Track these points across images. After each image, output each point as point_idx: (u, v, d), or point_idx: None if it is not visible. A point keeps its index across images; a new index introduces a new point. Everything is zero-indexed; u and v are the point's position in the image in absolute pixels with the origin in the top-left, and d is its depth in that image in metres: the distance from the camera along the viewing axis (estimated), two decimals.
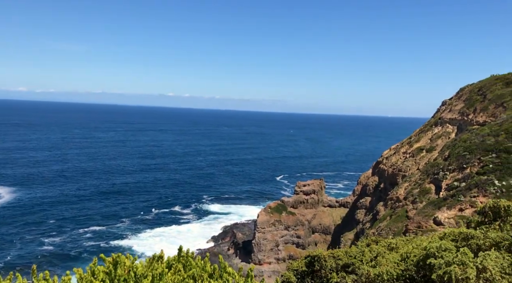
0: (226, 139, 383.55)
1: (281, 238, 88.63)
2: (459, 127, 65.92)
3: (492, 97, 62.11)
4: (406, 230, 49.87)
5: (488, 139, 51.04)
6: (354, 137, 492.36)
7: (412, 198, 53.48)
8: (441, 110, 78.29)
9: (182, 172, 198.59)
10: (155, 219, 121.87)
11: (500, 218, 9.26)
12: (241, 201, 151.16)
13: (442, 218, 47.05)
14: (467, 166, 50.33)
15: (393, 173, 68.93)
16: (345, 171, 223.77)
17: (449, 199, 48.21)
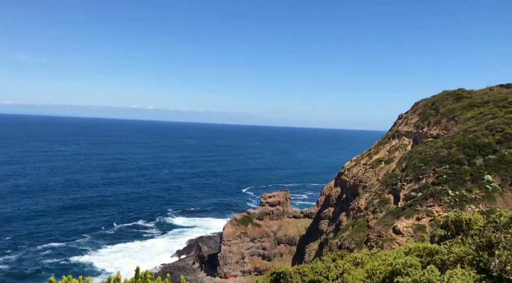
0: (192, 152, 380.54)
1: (247, 250, 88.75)
2: (415, 140, 69.05)
3: (444, 112, 65.63)
4: (367, 239, 51.53)
5: (441, 151, 53.86)
6: (318, 149, 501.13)
7: (373, 208, 55.36)
8: (398, 124, 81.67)
9: (147, 185, 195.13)
10: (117, 234, 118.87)
11: (462, 232, 9.47)
12: (206, 213, 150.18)
13: (401, 227, 49.03)
14: (423, 177, 52.80)
15: (354, 184, 71.03)
16: (310, 182, 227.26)
17: (407, 209, 50.34)
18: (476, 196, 46.22)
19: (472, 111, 58.96)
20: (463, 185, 47.60)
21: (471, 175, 47.83)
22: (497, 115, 54.10)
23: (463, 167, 49.09)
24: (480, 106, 59.35)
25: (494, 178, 46.09)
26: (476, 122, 55.62)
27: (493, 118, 53.72)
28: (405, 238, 48.54)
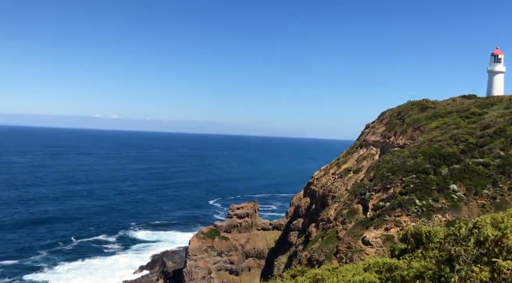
0: (157, 162, 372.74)
1: (214, 265, 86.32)
2: (382, 149, 69.65)
3: (409, 122, 66.66)
4: (337, 251, 50.83)
5: (408, 161, 54.23)
6: (287, 158, 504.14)
7: (342, 219, 54.83)
8: (365, 133, 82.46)
9: (109, 198, 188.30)
10: (76, 250, 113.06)
11: (422, 245, 9.17)
12: (172, 227, 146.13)
13: (369, 238, 48.65)
14: (391, 186, 52.88)
15: (323, 194, 70.62)
16: (279, 193, 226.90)
17: (376, 219, 50.10)
18: (443, 205, 46.57)
19: (437, 121, 60.03)
20: (429, 194, 47.91)
21: (437, 184, 48.26)
22: (461, 125, 55.23)
23: (429, 176, 49.49)
24: (444, 116, 60.54)
25: (459, 187, 46.65)
26: (441, 132, 56.58)
27: (457, 128, 54.78)
28: (374, 249, 48.16)
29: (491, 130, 48.61)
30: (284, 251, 80.00)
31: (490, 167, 43.98)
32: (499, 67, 70.73)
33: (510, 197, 40.14)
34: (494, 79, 69.82)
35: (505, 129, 47.02)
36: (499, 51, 71.54)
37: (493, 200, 41.38)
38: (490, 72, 71.14)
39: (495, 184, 42.26)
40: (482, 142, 47.90)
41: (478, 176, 44.26)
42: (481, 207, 41.96)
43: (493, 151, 45.77)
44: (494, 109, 56.98)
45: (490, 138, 47.49)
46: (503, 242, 7.06)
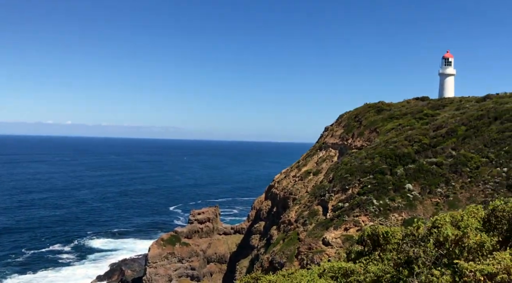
0: (115, 169, 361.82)
1: (175, 271, 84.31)
2: (340, 151, 70.81)
3: (366, 124, 68.22)
4: (298, 252, 50.92)
5: (365, 162, 55.32)
6: (247, 163, 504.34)
7: (303, 220, 55.06)
8: (324, 136, 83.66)
9: (63, 207, 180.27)
10: (28, 262, 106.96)
11: (379, 247, 8.66)
12: (131, 235, 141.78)
13: (329, 238, 49.09)
14: (349, 187, 53.71)
15: (284, 197, 70.79)
16: (240, 197, 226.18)
17: (335, 220, 50.68)
18: (399, 204, 47.79)
19: (392, 123, 61.72)
20: (386, 194, 49.04)
21: (393, 184, 49.49)
22: (415, 126, 57.05)
23: (385, 176, 50.68)
24: (399, 118, 62.38)
25: (414, 186, 48.06)
26: (396, 133, 58.20)
27: (411, 129, 56.55)
28: (334, 249, 48.64)
29: (443, 131, 50.47)
30: (246, 255, 79.45)
31: (443, 166, 45.56)
32: (450, 70, 74.01)
33: (462, 195, 41.72)
34: (445, 81, 72.97)
35: (456, 129, 48.94)
36: (449, 54, 74.89)
37: (446, 198, 42.85)
38: (441, 75, 74.29)
39: (448, 182, 43.80)
40: (435, 142, 49.63)
41: (432, 175, 45.74)
42: (435, 205, 43.36)
43: (445, 150, 47.50)
44: (446, 110, 59.37)
45: (443, 139, 49.28)
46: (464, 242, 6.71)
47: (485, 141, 45.17)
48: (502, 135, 44.15)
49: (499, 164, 41.61)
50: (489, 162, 42.68)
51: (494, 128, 45.97)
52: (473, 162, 43.17)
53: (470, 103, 58.60)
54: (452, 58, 74.23)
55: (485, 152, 43.76)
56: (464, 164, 43.93)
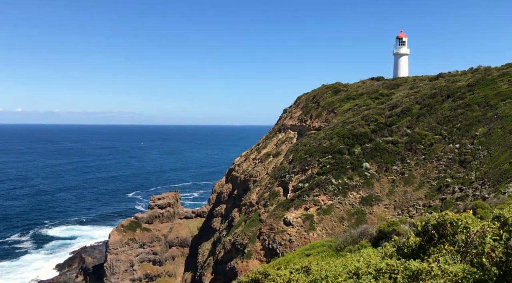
0: (70, 157, 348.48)
1: (136, 257, 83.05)
2: (299, 133, 71.62)
3: (324, 105, 69.20)
4: (260, 233, 51.45)
5: (324, 142, 56.27)
6: (206, 147, 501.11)
7: (264, 202, 55.51)
8: (283, 118, 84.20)
9: (19, 197, 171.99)
10: None
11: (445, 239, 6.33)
12: (90, 222, 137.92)
13: (290, 218, 49.90)
14: (309, 168, 54.56)
15: (245, 179, 70.98)
16: (200, 181, 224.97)
17: (296, 200, 51.49)
18: (357, 182, 49.17)
19: (349, 103, 62.96)
20: (344, 173, 50.27)
21: (351, 163, 50.75)
22: (371, 106, 58.50)
23: (343, 156, 51.85)
24: (356, 98, 63.69)
25: (371, 165, 49.53)
26: (353, 113, 59.48)
27: (367, 109, 57.96)
28: (295, 228, 49.57)
29: (398, 110, 52.05)
30: (207, 238, 79.51)
31: (399, 144, 47.12)
32: (403, 49, 76.02)
33: (417, 172, 43.46)
34: (400, 61, 74.98)
35: (410, 108, 50.61)
36: (403, 34, 76.81)
37: (402, 175, 44.49)
38: (396, 54, 76.21)
39: (403, 160, 45.43)
40: (391, 121, 51.13)
41: (388, 154, 47.26)
42: (392, 182, 44.95)
43: (400, 129, 49.11)
44: (400, 90, 61.24)
45: (398, 118, 50.86)
46: None
47: (438, 119, 47.03)
48: (454, 112, 46.12)
49: (452, 141, 43.53)
50: (442, 139, 44.54)
51: (447, 106, 47.92)
52: (427, 139, 44.92)
53: (424, 82, 60.69)
54: (406, 38, 76.21)
55: (438, 129, 45.60)
56: (418, 141, 45.64)
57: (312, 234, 46.30)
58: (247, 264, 46.64)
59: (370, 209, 45.53)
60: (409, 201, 43.22)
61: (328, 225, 47.14)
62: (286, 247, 45.42)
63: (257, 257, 47.47)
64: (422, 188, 42.49)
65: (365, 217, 44.90)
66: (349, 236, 14.72)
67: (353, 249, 13.26)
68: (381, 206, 45.53)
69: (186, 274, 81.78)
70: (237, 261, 48.31)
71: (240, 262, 47.80)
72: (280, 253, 44.09)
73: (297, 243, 45.68)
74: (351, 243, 14.09)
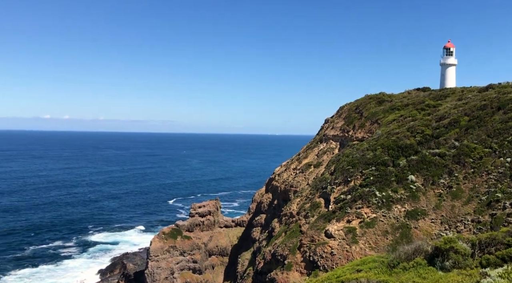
0: (114, 163, 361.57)
1: (177, 264, 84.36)
2: (341, 143, 70.53)
3: (367, 115, 67.84)
4: (300, 245, 50.84)
5: (367, 153, 55.06)
6: (246, 156, 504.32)
7: (305, 213, 54.92)
8: (325, 128, 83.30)
9: (63, 202, 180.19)
10: (30, 258, 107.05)
11: None
12: (132, 229, 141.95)
13: (332, 231, 48.97)
14: (351, 179, 53.48)
15: (285, 189, 70.62)
16: (240, 190, 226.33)
17: (338, 212, 50.50)
18: (402, 196, 47.61)
19: (394, 114, 61.37)
20: (389, 185, 48.82)
21: (395, 175, 49.25)
22: (417, 117, 56.70)
23: (388, 168, 50.43)
24: (401, 109, 62.00)
25: (417, 177, 47.85)
26: (398, 124, 57.86)
27: (413, 120, 56.20)
28: (336, 241, 48.56)
29: (445, 122, 50.15)
30: (247, 247, 79.47)
31: (446, 157, 45.30)
32: (451, 60, 73.39)
33: (465, 186, 41.51)
34: (447, 71, 72.40)
35: (458, 120, 48.63)
36: (451, 44, 74.25)
37: (449, 189, 42.66)
38: (442, 65, 73.71)
39: (451, 173, 43.56)
40: (438, 133, 49.31)
41: (435, 166, 45.50)
42: (439, 196, 43.19)
43: (448, 141, 47.21)
44: (448, 101, 58.99)
45: (445, 129, 48.97)
46: None
47: (488, 131, 44.90)
48: (505, 125, 43.88)
49: (503, 154, 41.38)
50: (492, 152, 42.44)
51: (497, 118, 45.68)
52: (476, 153, 42.93)
53: (472, 94, 58.23)
54: (453, 48, 73.60)
55: (488, 142, 43.52)
56: (467, 154, 43.69)
57: (355, 248, 45.16)
58: (287, 275, 46.15)
59: (416, 223, 43.90)
60: (457, 216, 41.33)
61: (371, 238, 45.84)
62: (328, 260, 44.55)
63: (298, 269, 46.87)
64: (471, 203, 40.54)
65: (410, 232, 43.34)
66: (402, 252, 14.24)
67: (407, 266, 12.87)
68: (427, 220, 43.83)
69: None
70: (277, 273, 47.91)
71: (280, 273, 47.37)
72: (321, 266, 43.33)
73: (338, 256, 44.70)
74: (405, 260, 13.61)
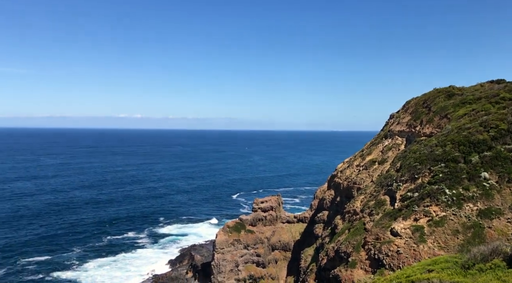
0: (183, 159, 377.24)
1: (241, 257, 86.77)
2: (408, 139, 68.21)
3: (436, 110, 64.92)
4: (365, 242, 50.21)
5: (436, 149, 52.91)
6: (307, 152, 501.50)
7: (369, 210, 54.11)
8: (390, 123, 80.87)
9: (135, 195, 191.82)
10: (106, 246, 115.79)
11: None
12: (198, 221, 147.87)
13: (398, 229, 47.80)
14: (419, 176, 51.75)
15: (348, 186, 69.83)
16: (301, 186, 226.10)
17: (404, 210, 49.16)
18: (474, 194, 45.23)
19: (465, 108, 58.27)
20: (459, 183, 46.58)
21: (467, 172, 46.87)
22: (490, 111, 53.38)
23: (459, 165, 48.11)
24: (472, 103, 58.70)
25: (491, 175, 45.18)
26: (469, 119, 54.85)
27: (486, 114, 52.98)
28: (403, 240, 47.37)
29: None
30: (310, 243, 79.69)
31: None
32: None
33: None
34: None
35: None
36: None
37: None
38: None
39: None
40: None
41: (511, 163, 42.78)
42: None
43: None
44: None
45: None
46: None
47: None
48: None
49: None
50: None
51: None
52: None
53: None
54: None
55: None
56: None
57: (423, 247, 43.80)
58: (351, 273, 45.93)
59: (490, 223, 41.61)
60: None
61: (440, 238, 44.18)
62: (394, 258, 43.69)
63: (362, 266, 46.43)
64: None
65: (483, 231, 41.18)
66: (478, 253, 13.68)
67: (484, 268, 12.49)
68: (502, 220, 41.37)
69: (289, 278, 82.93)
70: (341, 269, 47.82)
71: (344, 270, 47.25)
72: (387, 264, 42.62)
73: (405, 255, 43.64)
74: (481, 261, 13.10)
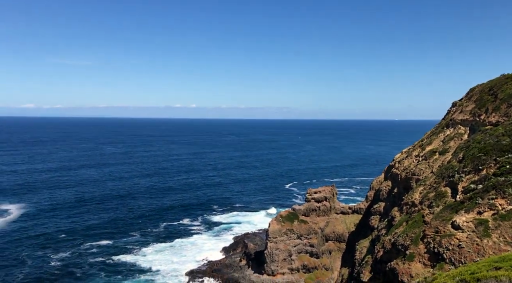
0: (236, 149, 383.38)
1: (294, 247, 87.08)
2: (471, 129, 64.52)
3: (503, 97, 60.71)
4: (424, 235, 48.47)
5: (503, 139, 49.70)
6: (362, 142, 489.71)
7: (428, 202, 52.10)
8: (452, 112, 76.81)
9: (190, 183, 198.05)
10: (163, 233, 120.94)
11: None
12: (251, 210, 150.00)
13: (460, 222, 45.62)
14: (483, 168, 48.95)
15: (406, 177, 67.49)
16: (356, 176, 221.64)
17: (467, 202, 46.78)
18: None
19: None
20: None
21: None
22: None
23: None
24: None
25: None
26: None
27: None
28: (465, 233, 45.16)
29: None
30: (365, 235, 78.20)
31: None
32: None
33: None
34: None
35: None
36: None
37: None
38: None
39: None
40: None
41: None
42: None
43: None
44: None
45: None
46: None
47: None
48: None
49: None
50: None
51: None
52: None
53: None
54: None
55: None
56: None
57: (487, 241, 41.53)
58: (409, 266, 44.62)
59: None
60: None
61: (507, 232, 41.63)
62: (455, 252, 41.84)
63: (421, 260, 44.93)
64: None
65: None
66: None
67: None
68: None
69: (343, 270, 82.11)
70: (398, 262, 46.58)
71: (401, 263, 46.00)
72: (447, 258, 40.92)
73: (467, 249, 41.62)
74: None
